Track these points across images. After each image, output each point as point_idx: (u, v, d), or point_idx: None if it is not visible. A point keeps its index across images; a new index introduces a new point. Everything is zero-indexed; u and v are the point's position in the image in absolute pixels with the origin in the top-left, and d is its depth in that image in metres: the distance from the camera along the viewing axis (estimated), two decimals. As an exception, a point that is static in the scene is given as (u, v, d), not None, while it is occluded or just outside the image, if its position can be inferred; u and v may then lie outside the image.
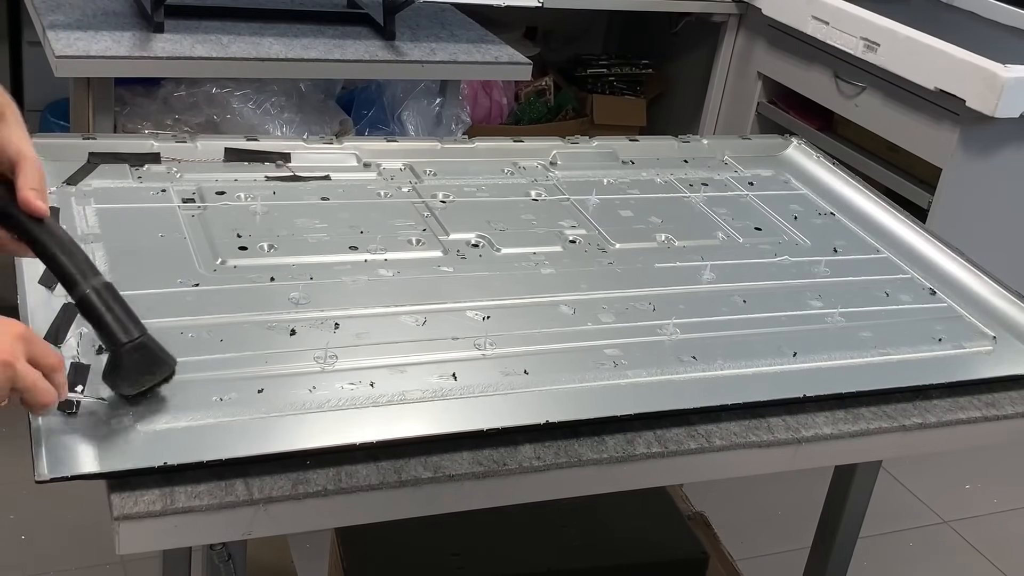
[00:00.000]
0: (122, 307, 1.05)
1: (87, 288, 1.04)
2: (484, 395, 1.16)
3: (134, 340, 1.05)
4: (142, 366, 1.06)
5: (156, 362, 1.07)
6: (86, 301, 1.04)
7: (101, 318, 1.04)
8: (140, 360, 1.05)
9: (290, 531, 1.07)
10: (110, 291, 1.05)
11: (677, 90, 3.69)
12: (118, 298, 1.05)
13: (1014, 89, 2.43)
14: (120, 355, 1.05)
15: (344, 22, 2.45)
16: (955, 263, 1.63)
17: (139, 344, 1.05)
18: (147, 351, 1.06)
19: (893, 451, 1.30)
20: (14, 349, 0.94)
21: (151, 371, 1.06)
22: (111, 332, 1.04)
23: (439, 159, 1.70)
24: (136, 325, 1.05)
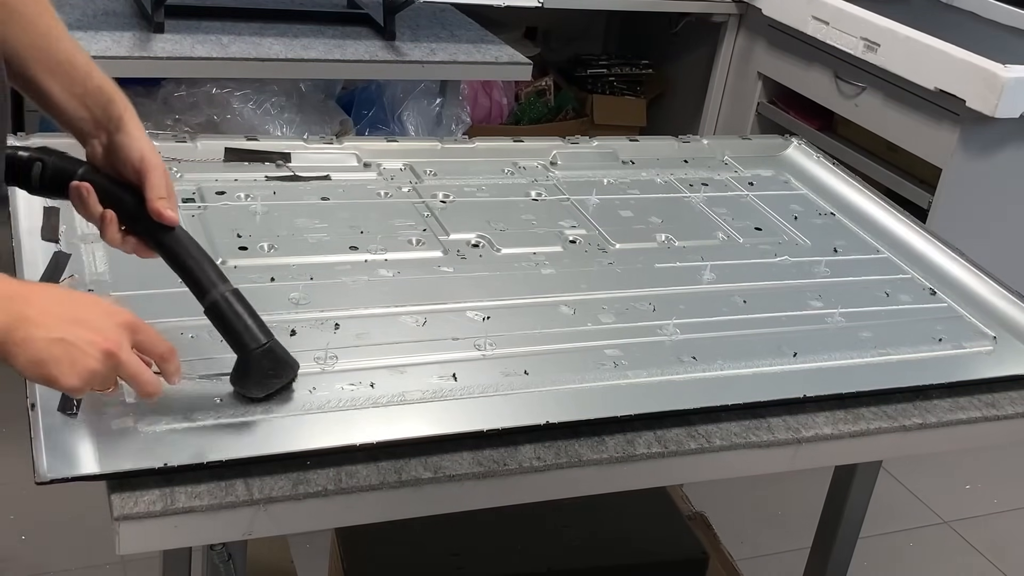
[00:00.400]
0: (250, 313, 1.09)
1: (218, 295, 1.08)
2: (484, 395, 1.16)
3: (263, 345, 1.08)
4: (270, 370, 1.10)
5: (283, 365, 1.11)
6: (217, 308, 1.08)
7: (232, 324, 1.08)
8: (268, 364, 1.09)
9: (290, 531, 1.07)
10: (239, 298, 1.09)
11: (677, 90, 3.69)
12: (247, 304, 1.09)
13: (1014, 89, 2.43)
14: (250, 360, 1.08)
15: (344, 22, 2.46)
16: (955, 263, 1.63)
17: (267, 349, 1.09)
18: (275, 355, 1.10)
19: (893, 451, 1.30)
20: (119, 338, 0.95)
21: (278, 374, 1.10)
22: (242, 338, 1.08)
23: (439, 159, 1.70)
24: (264, 331, 1.09)
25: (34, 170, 1.10)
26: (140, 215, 1.09)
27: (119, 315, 0.97)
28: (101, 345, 0.94)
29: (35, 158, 1.10)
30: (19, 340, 0.90)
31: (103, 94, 1.10)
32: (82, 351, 0.92)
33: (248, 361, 1.09)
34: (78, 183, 1.08)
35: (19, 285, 0.93)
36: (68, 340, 0.92)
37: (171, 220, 1.08)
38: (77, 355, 0.92)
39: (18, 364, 0.91)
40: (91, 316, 0.94)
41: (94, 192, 1.08)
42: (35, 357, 0.91)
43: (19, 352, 0.91)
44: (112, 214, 1.09)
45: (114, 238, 1.10)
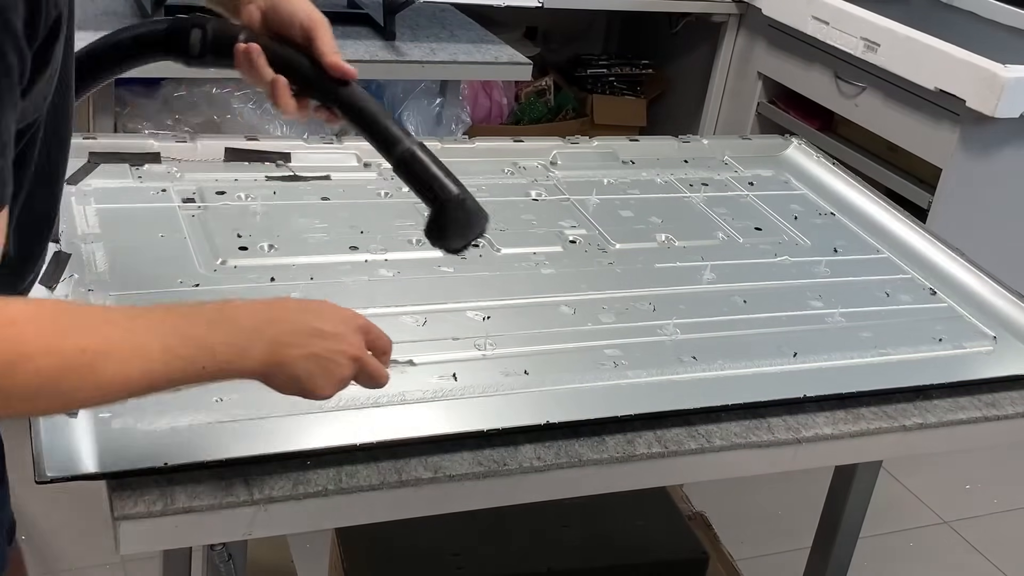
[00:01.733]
0: (439, 165, 1.05)
1: (409, 145, 1.04)
2: (484, 395, 1.16)
3: (459, 194, 1.05)
4: (469, 221, 1.06)
5: (479, 216, 1.07)
6: (412, 157, 1.04)
7: (429, 172, 1.04)
8: (465, 214, 1.06)
9: (290, 531, 1.08)
10: (426, 151, 1.05)
11: (677, 90, 3.69)
12: (435, 157, 1.05)
13: (1014, 89, 2.43)
14: (448, 209, 1.05)
15: (344, 22, 2.45)
16: (955, 263, 1.63)
17: (463, 199, 1.05)
18: (470, 204, 1.06)
19: (893, 451, 1.30)
20: (359, 342, 0.99)
21: (476, 224, 1.07)
22: (442, 185, 1.04)
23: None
24: (455, 181, 1.05)
25: (192, 37, 1.06)
26: (314, 75, 1.05)
27: (353, 320, 1.00)
28: (348, 352, 0.97)
29: (193, 24, 1.06)
30: (277, 363, 0.93)
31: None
32: (333, 361, 0.96)
33: (446, 213, 1.05)
34: (246, 45, 1.05)
35: (264, 310, 0.96)
36: (319, 354, 0.95)
37: (351, 73, 1.06)
38: (329, 366, 0.96)
39: (276, 383, 0.95)
40: (332, 326, 0.98)
41: (262, 54, 1.05)
42: (293, 375, 0.94)
43: (278, 372, 0.94)
44: (283, 80, 1.06)
45: (288, 103, 1.08)
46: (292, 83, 1.05)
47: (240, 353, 0.91)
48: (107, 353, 0.84)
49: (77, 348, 0.82)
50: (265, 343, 0.93)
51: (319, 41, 1.07)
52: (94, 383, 0.84)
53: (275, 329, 0.94)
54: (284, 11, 1.08)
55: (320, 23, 1.07)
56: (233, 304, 0.95)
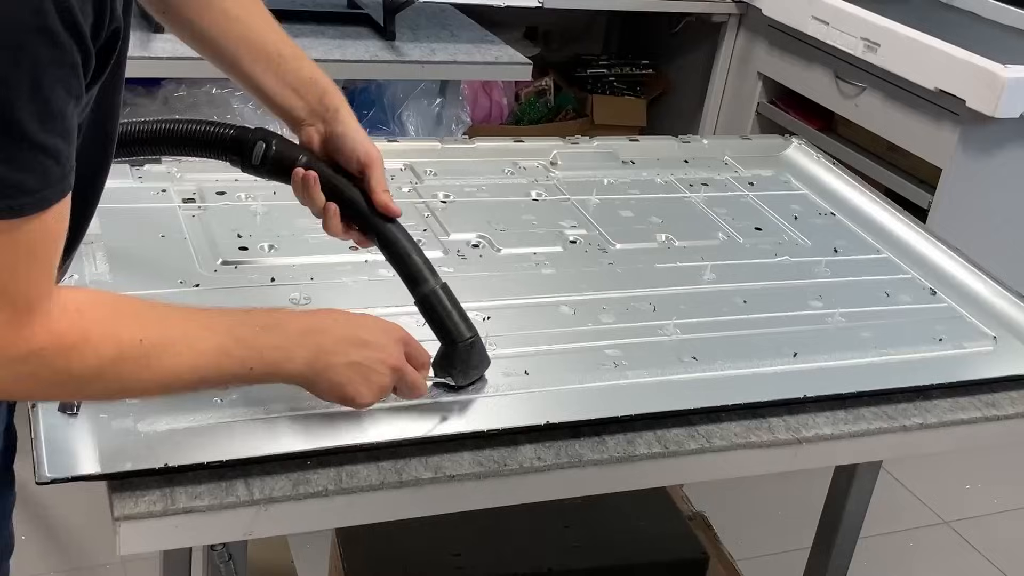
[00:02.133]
0: (457, 308, 1.15)
1: (433, 287, 1.15)
2: (484, 395, 1.16)
3: (469, 339, 1.15)
4: (474, 360, 1.16)
5: (484, 358, 1.17)
6: (432, 298, 1.15)
7: (442, 317, 1.14)
8: (473, 355, 1.16)
9: (290, 531, 1.08)
10: (447, 292, 1.15)
11: (677, 90, 3.69)
12: (454, 299, 1.16)
13: (1014, 89, 2.43)
14: (458, 350, 1.15)
15: (344, 22, 2.46)
16: (955, 263, 1.63)
17: (473, 342, 1.15)
18: (479, 348, 1.16)
19: (893, 451, 1.30)
20: (399, 352, 1.06)
21: (479, 366, 1.17)
22: (454, 328, 1.14)
23: (439, 159, 1.70)
24: (469, 326, 1.15)
25: (256, 149, 1.14)
26: (364, 209, 1.14)
27: (395, 331, 1.07)
28: (388, 362, 1.04)
29: (259, 138, 1.14)
30: (321, 369, 1.00)
31: (317, 85, 1.18)
32: (374, 370, 1.03)
33: (455, 352, 1.14)
34: (305, 172, 1.13)
35: (309, 318, 1.04)
36: (361, 363, 1.02)
37: (396, 212, 1.15)
38: (370, 374, 1.03)
39: (319, 389, 1.02)
40: (374, 337, 1.05)
41: (317, 180, 1.13)
42: (335, 381, 1.01)
43: (321, 379, 1.01)
44: (335, 207, 1.14)
45: (338, 228, 1.15)
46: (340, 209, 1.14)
47: (287, 357, 0.98)
48: (163, 346, 0.90)
49: (135, 339, 0.88)
50: (310, 350, 0.99)
51: (373, 179, 1.15)
52: (148, 374, 0.90)
53: (320, 337, 1.00)
54: (344, 143, 1.15)
55: (376, 161, 1.15)
56: (283, 312, 1.03)
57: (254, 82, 1.18)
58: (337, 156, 1.16)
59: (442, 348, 1.15)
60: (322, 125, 1.17)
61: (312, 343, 1.00)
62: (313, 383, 1.01)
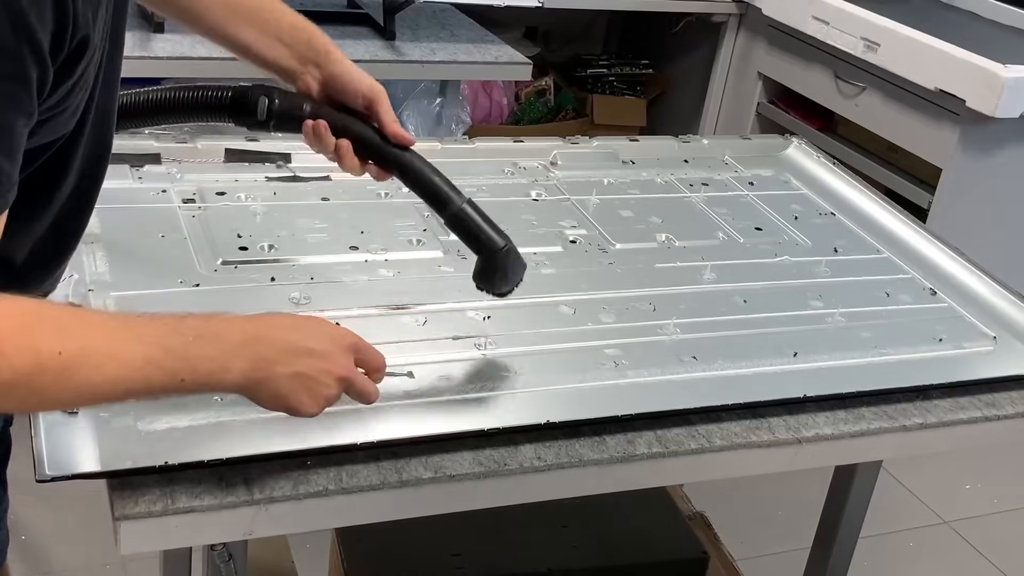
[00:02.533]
0: (488, 219, 1.20)
1: (462, 203, 1.19)
2: (484, 395, 1.16)
3: (505, 245, 1.20)
4: (512, 266, 1.22)
5: (520, 264, 1.24)
6: (462, 215, 1.19)
7: (480, 226, 1.19)
8: (510, 262, 1.22)
9: (290, 531, 1.07)
10: (475, 207, 1.20)
11: (677, 90, 3.69)
12: (483, 212, 1.20)
13: (1014, 89, 2.43)
14: (497, 259, 1.20)
15: (344, 22, 2.46)
16: (955, 263, 1.63)
17: (509, 250, 1.21)
18: (515, 254, 1.22)
19: (893, 451, 1.30)
20: (348, 362, 1.00)
21: (519, 271, 1.23)
22: (490, 239, 1.19)
23: (439, 159, 1.68)
24: (502, 234, 1.20)
25: (260, 104, 1.15)
26: (376, 141, 1.16)
27: (344, 339, 1.02)
28: (335, 372, 0.99)
29: (260, 92, 1.15)
30: (261, 379, 0.95)
31: (302, 31, 1.18)
32: (319, 381, 0.97)
33: (495, 261, 1.20)
34: (315, 122, 1.15)
35: (252, 325, 0.97)
36: (305, 373, 0.96)
37: (411, 141, 1.16)
38: (314, 385, 0.97)
39: (259, 399, 0.96)
40: (321, 345, 0.98)
41: (327, 127, 1.15)
42: (276, 392, 0.96)
43: (261, 390, 0.95)
44: (347, 144, 1.15)
45: (353, 164, 1.17)
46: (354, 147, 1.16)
47: (222, 368, 0.92)
48: (84, 358, 0.85)
49: (53, 351, 0.83)
50: (249, 360, 0.93)
51: (381, 112, 1.16)
52: (69, 387, 0.85)
53: (261, 346, 0.94)
54: (345, 82, 1.16)
55: (380, 94, 1.16)
56: (220, 318, 0.95)
57: (238, 41, 1.17)
58: (340, 96, 1.16)
59: (480, 261, 1.21)
60: (316, 70, 1.17)
61: (251, 353, 0.94)
62: (253, 393, 0.96)
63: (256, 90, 1.15)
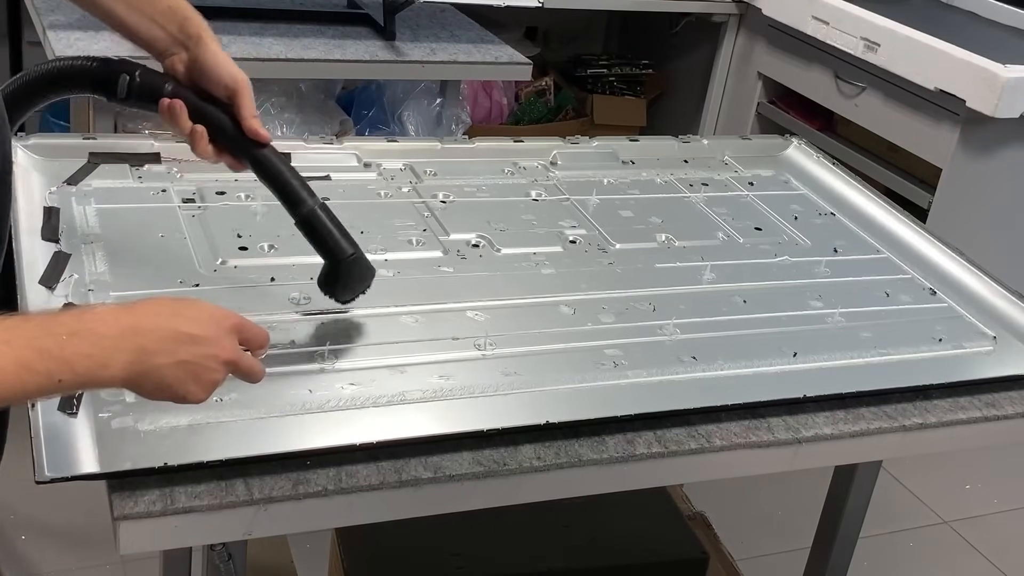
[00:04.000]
0: (337, 225, 1.18)
1: (312, 206, 1.17)
2: (484, 395, 1.16)
3: (352, 255, 1.18)
4: (359, 276, 1.21)
5: (368, 272, 1.21)
6: (313, 217, 1.17)
7: (328, 232, 1.17)
8: (357, 271, 1.20)
9: (290, 531, 1.08)
10: (327, 211, 1.17)
11: (677, 90, 3.69)
12: (333, 217, 1.18)
13: (1014, 89, 2.43)
14: (341, 267, 1.18)
15: (344, 22, 2.45)
16: (955, 263, 1.63)
17: (356, 258, 1.19)
18: (361, 264, 1.20)
19: (893, 451, 1.30)
20: (232, 345, 0.99)
21: (363, 280, 1.21)
22: (336, 245, 1.17)
23: (439, 159, 1.70)
24: (351, 241, 1.18)
25: (120, 81, 1.15)
26: (232, 132, 1.15)
27: (226, 320, 0.99)
28: (221, 357, 0.97)
29: (122, 69, 1.15)
30: (144, 372, 0.92)
31: (176, 13, 1.17)
32: (204, 367, 0.96)
33: (339, 269, 1.18)
34: (171, 101, 1.14)
35: (129, 316, 0.93)
36: (190, 361, 0.94)
37: (266, 138, 1.16)
38: (200, 372, 0.95)
39: (145, 392, 0.94)
40: (204, 330, 0.96)
41: (184, 109, 1.14)
42: (161, 383, 0.94)
43: (146, 382, 0.93)
44: (202, 129, 1.14)
45: (206, 151, 1.16)
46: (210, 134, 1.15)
47: (101, 365, 0.89)
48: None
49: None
50: (129, 353, 0.91)
51: (242, 105, 1.14)
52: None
53: (141, 338, 0.92)
54: (210, 68, 1.15)
55: (243, 85, 1.15)
56: (94, 312, 0.93)
57: (114, 16, 1.17)
58: (203, 82, 1.15)
59: (325, 266, 1.18)
60: (185, 53, 1.16)
61: (131, 345, 0.90)
62: (138, 386, 0.93)
63: (119, 65, 1.15)
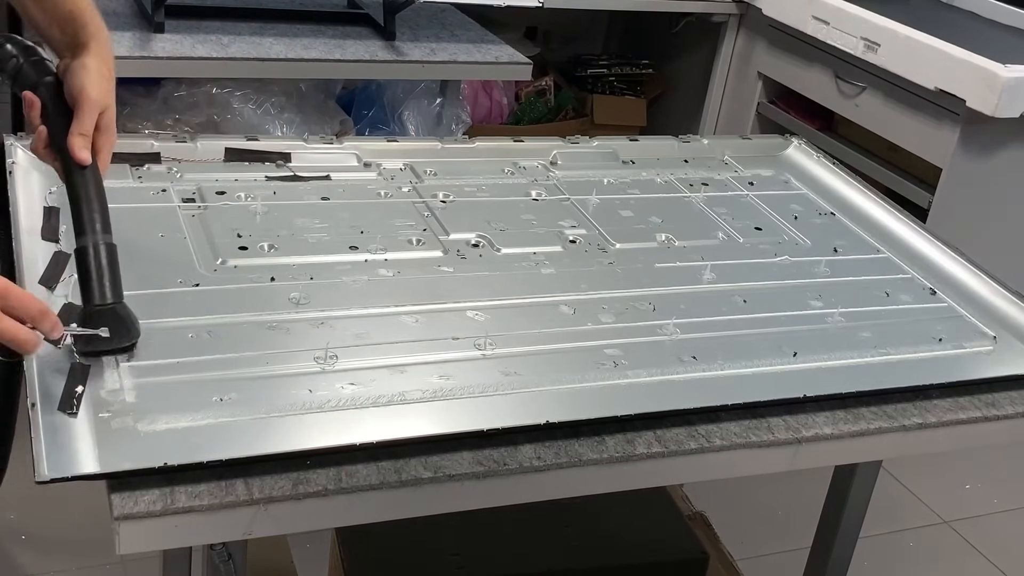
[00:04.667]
0: (111, 271, 1.11)
1: (88, 243, 1.11)
2: (484, 395, 1.16)
3: (102, 305, 1.10)
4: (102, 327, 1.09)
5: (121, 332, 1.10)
6: (85, 253, 1.11)
7: (86, 275, 1.11)
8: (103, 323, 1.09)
9: (290, 531, 1.07)
10: (109, 252, 1.11)
11: (677, 90, 3.69)
12: (112, 262, 1.11)
13: (1014, 89, 2.43)
14: (89, 314, 1.10)
15: (344, 22, 2.46)
16: (955, 263, 1.63)
17: (104, 311, 1.10)
18: (115, 318, 1.10)
19: (893, 451, 1.30)
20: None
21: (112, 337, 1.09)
22: (89, 291, 1.10)
23: (439, 159, 1.70)
24: (115, 292, 1.10)
25: (10, 64, 1.19)
26: (61, 143, 1.14)
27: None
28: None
29: (15, 53, 1.19)
30: None
31: (75, 20, 1.19)
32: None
33: (87, 316, 1.10)
34: (32, 95, 1.16)
35: None
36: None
37: (80, 159, 1.13)
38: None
39: None
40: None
41: (39, 107, 1.16)
42: None
43: None
44: (44, 131, 1.16)
45: (39, 152, 1.17)
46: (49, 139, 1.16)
47: None
48: None
49: None
50: None
51: (75, 118, 1.14)
52: None
53: None
54: (69, 78, 1.17)
55: (83, 102, 1.14)
56: None
57: (26, 13, 1.22)
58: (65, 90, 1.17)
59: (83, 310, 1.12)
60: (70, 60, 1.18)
61: None
62: None
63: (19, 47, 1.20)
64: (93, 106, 1.15)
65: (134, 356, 1.12)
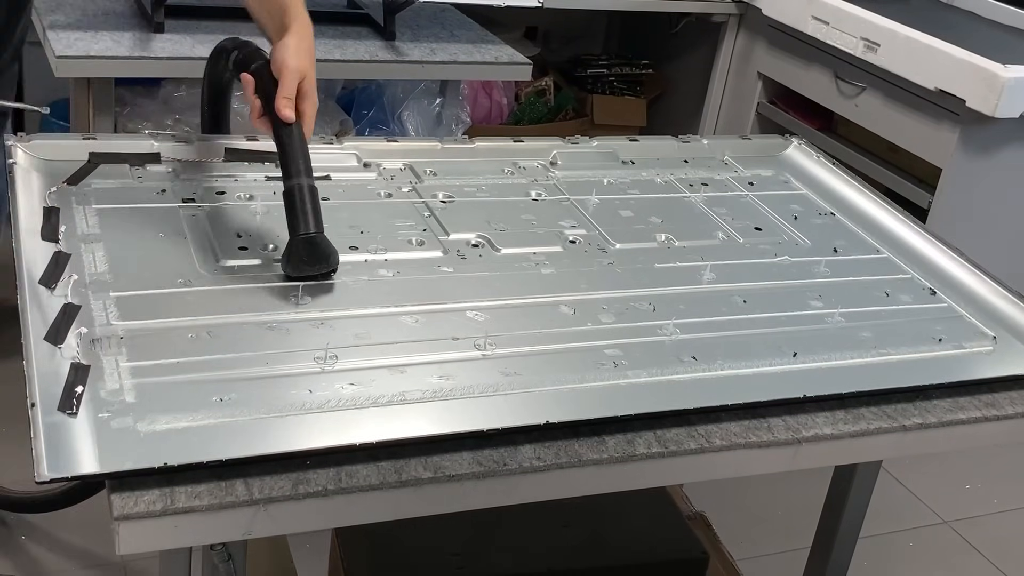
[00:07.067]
0: (314, 207, 1.31)
1: (295, 184, 1.31)
2: (484, 395, 1.16)
3: (305, 234, 1.29)
4: (306, 256, 1.29)
5: (322, 257, 1.30)
6: (294, 191, 1.31)
7: (293, 209, 1.30)
8: (305, 251, 1.29)
9: (290, 531, 1.07)
10: (311, 193, 1.32)
11: (677, 90, 3.69)
12: (315, 199, 1.31)
13: (1014, 89, 2.43)
14: (293, 242, 1.29)
15: (344, 22, 2.46)
16: (955, 263, 1.63)
17: (308, 239, 1.29)
18: (317, 247, 1.30)
19: (893, 451, 1.30)
20: None
21: (311, 263, 1.30)
22: (295, 221, 1.30)
23: (439, 159, 1.70)
24: (316, 223, 1.30)
25: (231, 57, 1.47)
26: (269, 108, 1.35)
27: None
28: None
29: (234, 47, 1.47)
30: None
31: (281, 7, 1.43)
32: None
33: (291, 243, 1.29)
34: (246, 74, 1.39)
35: None
36: None
37: (284, 117, 1.34)
38: None
39: None
40: None
41: (253, 84, 1.37)
42: None
43: None
44: (257, 103, 1.37)
45: (255, 121, 1.38)
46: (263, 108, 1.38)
47: None
48: None
49: None
50: None
51: (279, 87, 1.35)
52: None
53: None
54: (275, 53, 1.39)
55: (285, 71, 1.35)
56: None
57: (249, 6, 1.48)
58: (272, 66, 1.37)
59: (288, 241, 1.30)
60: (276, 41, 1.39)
61: None
62: None
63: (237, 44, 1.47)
64: (293, 74, 1.34)
65: (134, 356, 1.12)
